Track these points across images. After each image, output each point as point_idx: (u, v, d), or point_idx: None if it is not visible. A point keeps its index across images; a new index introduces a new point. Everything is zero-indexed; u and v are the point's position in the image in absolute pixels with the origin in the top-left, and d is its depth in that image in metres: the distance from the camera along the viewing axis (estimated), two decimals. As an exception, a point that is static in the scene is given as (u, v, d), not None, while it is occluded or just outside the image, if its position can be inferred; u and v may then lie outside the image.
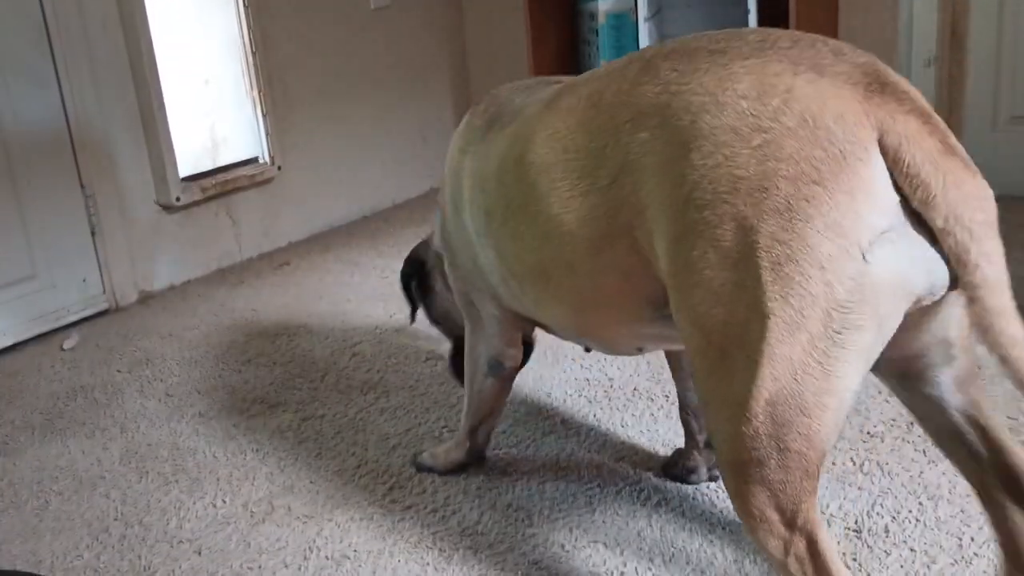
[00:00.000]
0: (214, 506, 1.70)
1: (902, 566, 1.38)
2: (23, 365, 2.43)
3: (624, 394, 1.95)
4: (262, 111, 3.13)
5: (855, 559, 1.40)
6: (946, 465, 1.61)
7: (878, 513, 1.50)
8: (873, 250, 0.93)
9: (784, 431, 0.98)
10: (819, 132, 0.93)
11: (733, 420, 1.00)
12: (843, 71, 0.97)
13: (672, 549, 1.46)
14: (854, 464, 1.64)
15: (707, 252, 0.98)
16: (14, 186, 2.51)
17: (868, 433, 1.73)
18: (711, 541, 1.47)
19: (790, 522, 1.02)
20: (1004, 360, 0.95)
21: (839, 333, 0.95)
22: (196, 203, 2.97)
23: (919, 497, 1.53)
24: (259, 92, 3.11)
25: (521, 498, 1.63)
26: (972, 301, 0.96)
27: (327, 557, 1.52)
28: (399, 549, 1.52)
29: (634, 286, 1.15)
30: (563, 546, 1.49)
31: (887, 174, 0.93)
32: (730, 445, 1.01)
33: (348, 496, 1.68)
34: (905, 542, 1.43)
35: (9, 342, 2.52)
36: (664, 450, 1.74)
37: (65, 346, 2.51)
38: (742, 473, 1.02)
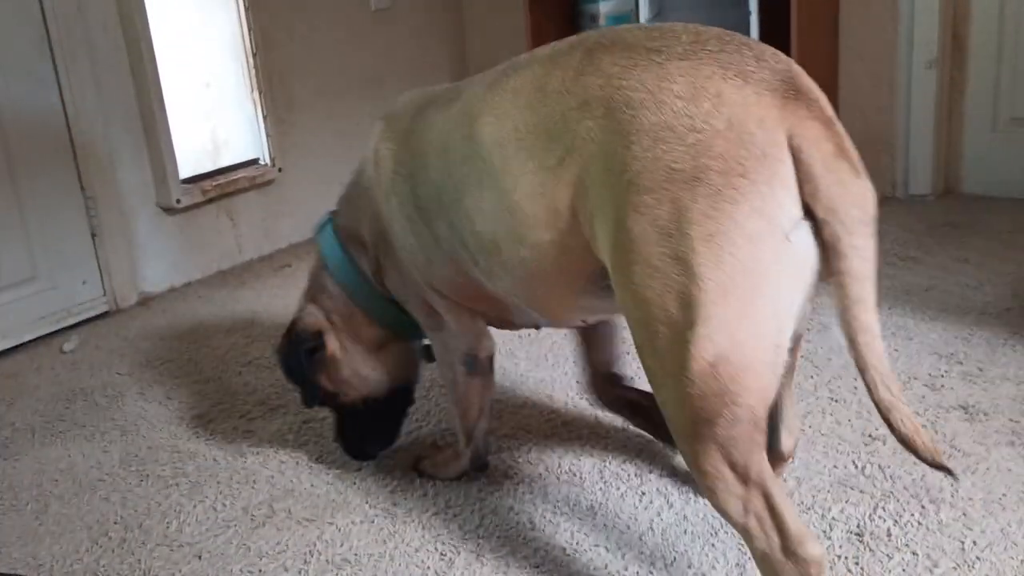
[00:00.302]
0: (214, 510, 1.69)
1: (904, 570, 1.38)
2: (23, 367, 2.42)
3: (625, 397, 1.95)
4: (263, 113, 3.13)
5: (857, 563, 1.40)
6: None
7: (880, 517, 1.50)
8: (793, 233, 1.07)
9: (728, 388, 1.07)
10: (744, 135, 1.06)
11: (679, 384, 1.09)
12: (764, 78, 1.10)
13: (674, 553, 1.46)
14: (856, 467, 1.64)
15: (647, 229, 1.09)
16: (14, 188, 2.51)
17: (870, 436, 1.73)
18: (713, 545, 1.47)
19: (744, 477, 1.11)
20: (851, 343, 1.08)
21: (767, 297, 1.07)
22: (196, 205, 2.97)
23: (921, 500, 1.53)
24: (260, 94, 3.11)
25: (523, 502, 1.63)
26: (837, 287, 1.08)
27: (328, 561, 1.52)
28: (400, 553, 1.52)
29: (574, 261, 1.24)
30: (565, 550, 1.49)
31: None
32: (679, 409, 1.11)
33: (349, 499, 1.68)
34: (907, 546, 1.43)
35: (9, 344, 2.52)
36: (666, 453, 1.73)
37: (65, 348, 2.51)
38: (695, 435, 1.11)
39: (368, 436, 1.77)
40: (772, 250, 1.06)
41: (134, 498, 1.75)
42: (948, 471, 1.13)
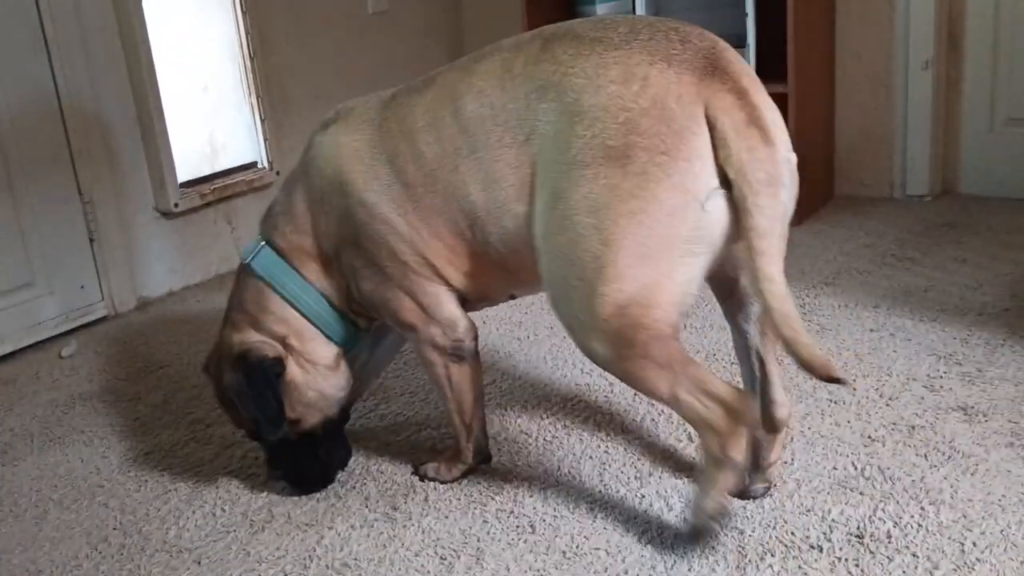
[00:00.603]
0: (214, 515, 1.69)
1: (904, 572, 1.37)
2: (21, 372, 2.42)
3: (625, 399, 1.95)
4: (260, 116, 3.12)
5: (857, 565, 1.40)
6: (948, 469, 1.61)
7: (880, 519, 1.50)
8: (709, 201, 1.25)
9: (639, 322, 1.29)
10: (665, 112, 1.24)
11: (595, 329, 1.32)
12: (687, 58, 1.28)
13: (674, 556, 1.46)
14: (855, 469, 1.64)
15: (580, 202, 1.28)
16: (12, 193, 2.51)
17: (869, 437, 1.73)
18: (713, 548, 1.47)
19: (668, 367, 1.32)
20: (756, 292, 1.26)
21: (682, 258, 1.27)
22: (195, 209, 2.97)
23: (921, 502, 1.53)
24: (257, 97, 3.11)
25: (523, 505, 1.63)
26: (744, 241, 1.24)
27: (327, 566, 1.51)
28: (400, 557, 1.52)
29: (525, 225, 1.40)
30: (564, 553, 1.49)
31: None
32: (604, 344, 1.32)
33: (348, 504, 1.68)
34: (907, 547, 1.43)
35: (7, 349, 2.51)
36: (665, 455, 1.73)
37: (63, 353, 2.50)
38: (617, 358, 1.33)
39: (328, 460, 1.72)
40: (688, 220, 1.25)
41: (133, 504, 1.75)
42: (842, 381, 1.31)
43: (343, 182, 1.56)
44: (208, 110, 3.07)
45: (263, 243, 1.66)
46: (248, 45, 3.06)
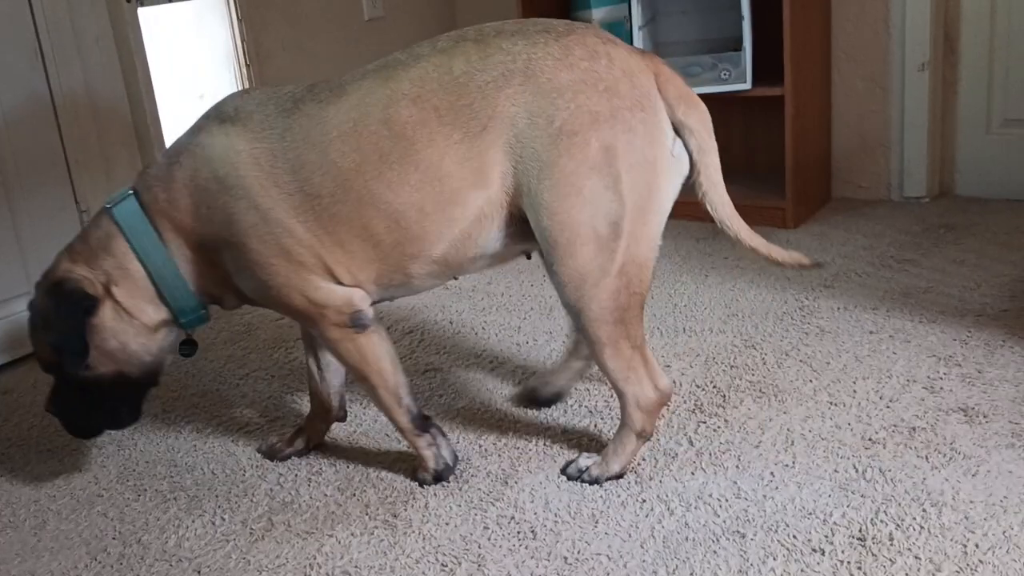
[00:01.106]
0: (213, 524, 1.68)
1: (907, 574, 1.37)
2: (18, 382, 2.41)
3: (624, 404, 1.94)
4: (256, 124, 3.12)
5: (860, 568, 1.39)
6: (949, 471, 1.61)
7: (882, 521, 1.50)
8: (674, 148, 1.53)
9: (633, 282, 1.52)
10: (635, 79, 1.49)
11: (606, 287, 1.50)
12: (624, 43, 1.54)
13: (676, 560, 1.45)
14: (856, 471, 1.63)
15: (579, 167, 1.46)
16: (8, 202, 2.50)
17: (870, 440, 1.73)
18: (715, 552, 1.46)
19: (635, 345, 1.57)
20: (715, 212, 1.60)
21: (661, 207, 1.54)
22: (191, 217, 2.96)
23: (922, 504, 1.53)
24: (253, 105, 3.10)
25: (524, 511, 1.62)
26: (698, 178, 1.56)
27: (327, 574, 1.51)
28: (400, 564, 1.51)
29: (492, 212, 1.53)
30: (566, 559, 1.48)
31: None
32: (608, 304, 1.52)
33: (348, 511, 1.67)
34: (910, 550, 1.42)
35: (5, 359, 2.51)
36: (665, 460, 1.73)
37: (61, 363, 2.49)
38: (617, 321, 1.53)
39: (104, 414, 1.73)
40: (666, 168, 1.52)
41: (132, 513, 1.74)
42: (819, 266, 1.76)
43: (236, 186, 1.56)
44: (204, 118, 3.07)
45: (131, 193, 1.64)
46: (244, 53, 3.06)
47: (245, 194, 1.55)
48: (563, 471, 1.71)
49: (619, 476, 1.67)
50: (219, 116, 1.61)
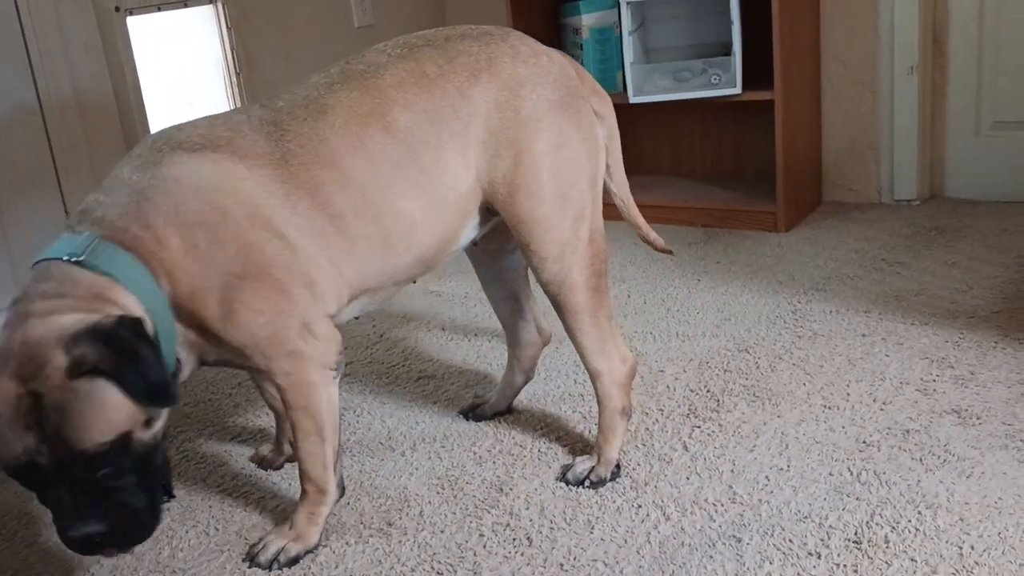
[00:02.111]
0: (207, 534, 1.67)
1: (904, 577, 1.37)
2: (10, 394, 2.39)
3: (618, 409, 1.94)
4: (247, 132, 3.11)
5: (856, 571, 1.39)
6: (943, 472, 1.61)
7: (877, 523, 1.50)
8: (599, 131, 1.67)
9: (599, 250, 1.65)
10: (569, 73, 1.64)
11: (584, 256, 1.63)
12: (546, 49, 1.67)
13: (672, 566, 1.45)
14: (851, 474, 1.63)
15: (546, 148, 1.58)
16: (-3, 213, 2.49)
17: (864, 442, 1.73)
18: (711, 557, 1.46)
19: (610, 317, 1.69)
20: (613, 193, 1.76)
21: (601, 180, 1.69)
22: (182, 226, 2.95)
23: (918, 506, 1.53)
24: (243, 113, 3.10)
25: (519, 517, 1.62)
26: (607, 159, 1.71)
27: (323, 583, 1.50)
28: (396, 573, 1.51)
29: (470, 204, 1.60)
30: (562, 565, 1.48)
31: None
32: (587, 272, 1.64)
33: (343, 520, 1.66)
34: (905, 552, 1.42)
35: (-5, 371, 2.49)
36: (660, 465, 1.73)
37: (52, 373, 2.48)
38: (595, 289, 1.65)
39: (150, 482, 1.43)
40: (601, 147, 1.68)
41: (125, 524, 1.73)
42: (669, 252, 1.90)
43: (250, 215, 1.43)
44: (195, 126, 3.06)
45: (96, 239, 1.38)
46: (234, 61, 3.06)
47: (264, 223, 1.44)
48: (562, 479, 1.71)
49: (618, 466, 1.70)
50: (181, 146, 1.46)
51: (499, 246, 1.82)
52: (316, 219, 1.48)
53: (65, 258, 1.37)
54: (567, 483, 1.69)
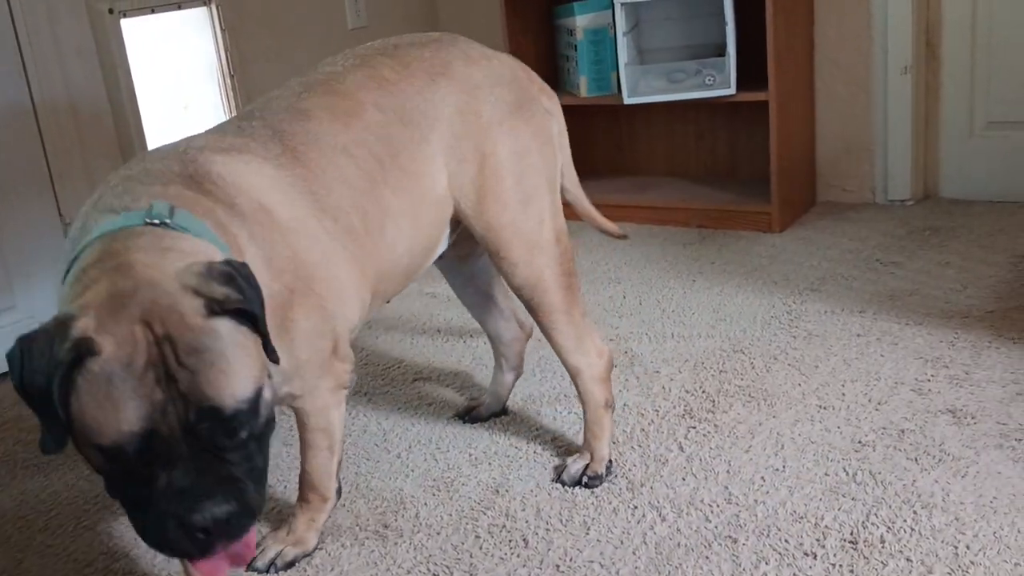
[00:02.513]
0: (202, 536, 1.67)
1: (899, 577, 1.37)
2: (3, 398, 2.39)
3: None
4: (241, 134, 3.11)
5: (852, 571, 1.40)
6: (939, 472, 1.61)
7: (873, 524, 1.50)
8: (555, 134, 1.69)
9: (566, 249, 1.66)
10: (519, 74, 1.65)
11: (553, 255, 1.63)
12: (495, 52, 1.67)
13: (668, 567, 1.45)
14: (847, 474, 1.64)
15: (509, 153, 1.58)
16: (-9, 216, 2.49)
17: (859, 442, 1.73)
18: (707, 558, 1.46)
19: (583, 314, 1.69)
20: (568, 191, 1.76)
21: (558, 179, 1.69)
22: (176, 228, 2.94)
23: (913, 506, 1.53)
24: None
25: (515, 519, 1.61)
26: (559, 153, 1.71)
27: (319, 585, 1.50)
28: (392, 575, 1.50)
29: (446, 211, 1.58)
30: (558, 567, 1.48)
31: None
32: (557, 271, 1.64)
33: (338, 523, 1.66)
34: (901, 552, 1.43)
35: (-12, 374, 2.48)
36: (656, 466, 1.73)
37: (46, 377, 2.47)
38: (567, 287, 1.65)
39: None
40: (556, 145, 1.68)
41: (119, 528, 1.73)
42: (624, 237, 1.96)
43: (290, 217, 1.36)
44: (189, 129, 3.05)
45: (172, 207, 1.23)
46: (228, 62, 3.05)
47: (303, 227, 1.36)
48: (557, 480, 1.71)
49: (610, 461, 1.71)
50: (209, 148, 1.36)
51: (469, 250, 1.80)
52: (340, 218, 1.43)
53: (148, 221, 1.20)
54: (563, 484, 1.69)
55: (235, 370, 1.09)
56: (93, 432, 1.05)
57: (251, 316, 1.12)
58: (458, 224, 1.62)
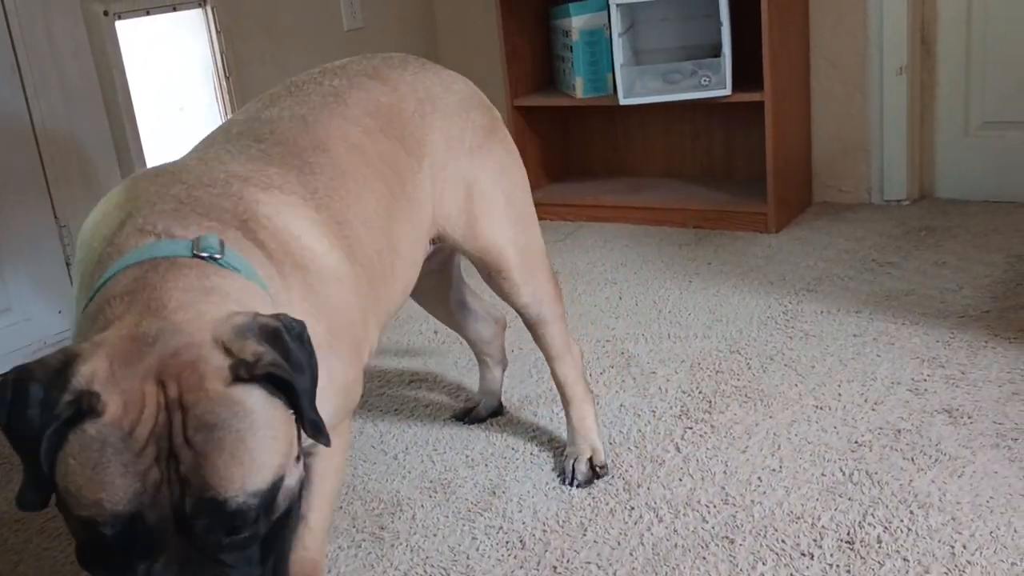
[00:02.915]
0: (199, 539, 1.67)
1: (896, 577, 1.37)
2: None
3: (610, 410, 1.94)
4: (237, 136, 3.10)
5: (849, 571, 1.40)
6: (935, 472, 1.62)
7: (870, 524, 1.50)
8: None
9: (547, 256, 1.71)
10: (479, 92, 1.64)
11: (546, 268, 1.68)
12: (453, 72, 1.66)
13: (665, 567, 1.45)
14: (843, 474, 1.64)
15: (491, 174, 1.58)
16: (-14, 219, 2.48)
17: (856, 443, 1.73)
18: (704, 558, 1.46)
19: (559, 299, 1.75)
20: None
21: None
22: (172, 230, 2.93)
23: (910, 506, 1.53)
24: (233, 117, 3.09)
25: (512, 520, 1.61)
26: None
27: (316, 588, 1.49)
28: (389, 577, 1.50)
29: (429, 235, 1.54)
30: (555, 568, 1.48)
31: None
32: (552, 282, 1.69)
33: (335, 524, 1.66)
34: (898, 552, 1.43)
35: (-15, 377, 2.47)
36: (653, 467, 1.73)
37: (42, 379, 2.47)
38: (558, 300, 1.71)
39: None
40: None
41: (116, 530, 1.73)
42: None
43: (335, 266, 1.23)
44: (184, 130, 3.05)
45: (218, 239, 1.09)
46: (223, 65, 3.05)
47: (344, 276, 1.23)
48: (571, 482, 1.70)
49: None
50: (249, 182, 1.22)
51: (443, 261, 1.79)
52: (367, 264, 1.30)
53: (195, 253, 1.05)
54: (579, 485, 1.69)
55: (252, 457, 0.90)
56: (73, 499, 0.89)
57: (287, 386, 0.94)
58: (431, 244, 1.55)
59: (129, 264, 1.03)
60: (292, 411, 0.96)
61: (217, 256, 1.05)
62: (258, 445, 0.90)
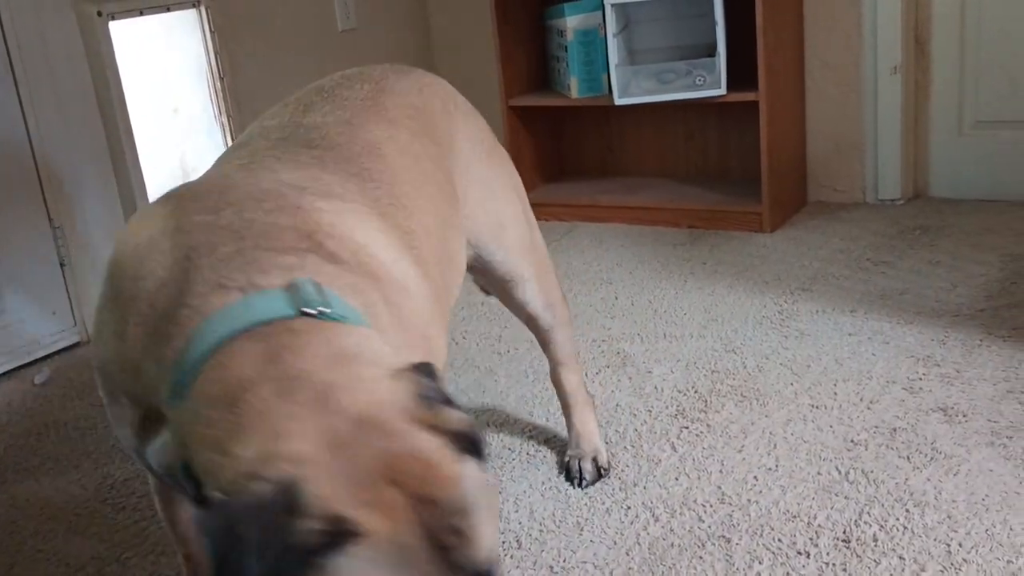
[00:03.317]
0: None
1: (892, 575, 1.37)
2: (-7, 402, 2.38)
3: (607, 410, 1.94)
4: (231, 137, 3.10)
5: (845, 570, 1.40)
6: (931, 470, 1.62)
7: (866, 522, 1.50)
8: None
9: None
10: (466, 100, 1.61)
11: (551, 268, 1.69)
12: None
13: (662, 567, 1.45)
14: (839, 473, 1.64)
15: (505, 175, 1.60)
16: (-20, 220, 2.47)
17: (851, 441, 1.73)
18: (701, 558, 1.46)
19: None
20: None
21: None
22: (167, 231, 2.93)
23: (906, 504, 1.53)
24: (228, 118, 3.08)
25: (508, 520, 1.61)
26: None
27: (312, 589, 1.49)
28: (385, 577, 1.50)
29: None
30: (552, 568, 1.48)
31: None
32: (558, 284, 1.71)
33: (331, 525, 1.66)
34: (894, 550, 1.43)
35: (-22, 379, 2.47)
36: (649, 466, 1.73)
37: (36, 381, 2.46)
38: (565, 301, 1.73)
39: None
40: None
41: (111, 532, 1.72)
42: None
43: (403, 283, 1.13)
44: (179, 132, 3.04)
45: (317, 286, 0.98)
46: (218, 65, 3.04)
47: (416, 289, 1.15)
48: (579, 484, 1.69)
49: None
50: (308, 191, 1.11)
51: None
52: (431, 272, 1.23)
53: (301, 311, 0.93)
54: (586, 485, 1.69)
55: (495, 519, 0.89)
56: None
57: (476, 442, 0.88)
58: None
59: (232, 335, 0.91)
60: None
61: (326, 310, 0.93)
62: (493, 511, 0.89)
